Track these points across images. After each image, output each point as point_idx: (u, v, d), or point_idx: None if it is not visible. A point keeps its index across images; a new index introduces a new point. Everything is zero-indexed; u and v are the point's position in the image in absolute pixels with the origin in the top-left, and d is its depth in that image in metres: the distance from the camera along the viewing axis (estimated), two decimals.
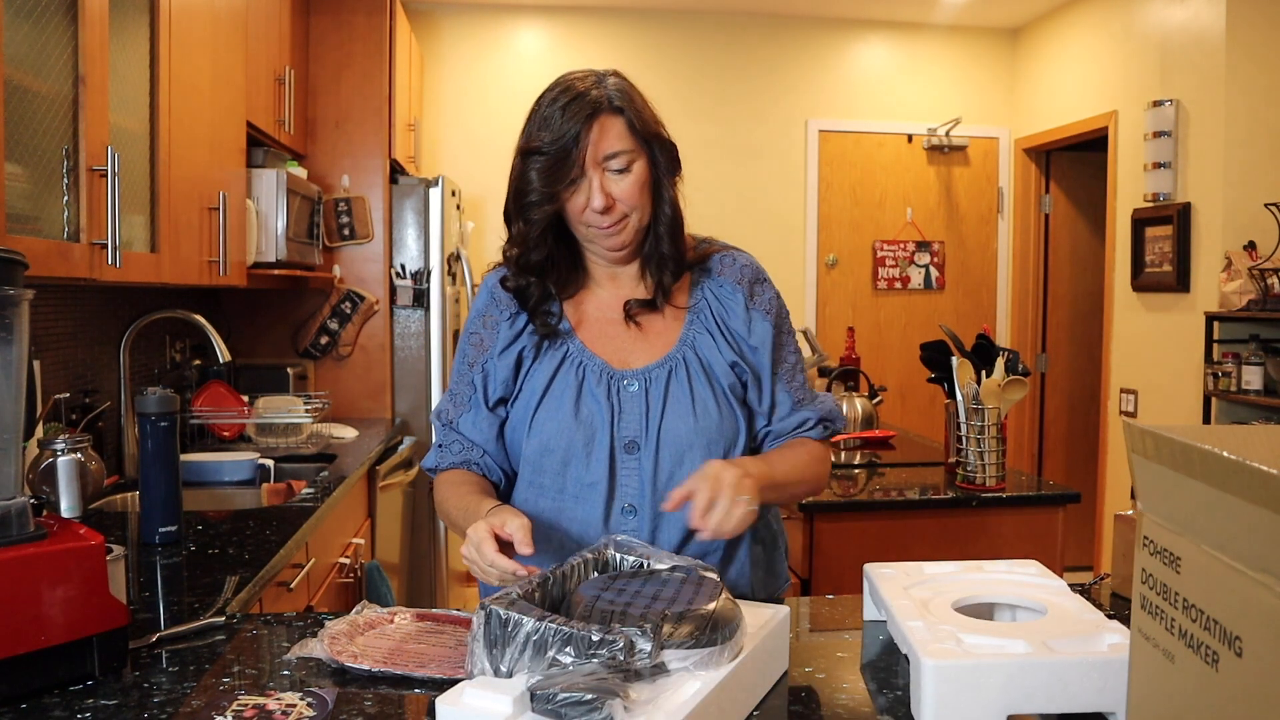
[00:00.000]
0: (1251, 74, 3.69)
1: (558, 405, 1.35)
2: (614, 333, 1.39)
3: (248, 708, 1.00)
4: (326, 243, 3.72)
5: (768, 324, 1.40)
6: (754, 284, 1.42)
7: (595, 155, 1.27)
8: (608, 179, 1.29)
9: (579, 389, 1.35)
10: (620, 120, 1.28)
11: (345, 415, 3.73)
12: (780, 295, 1.46)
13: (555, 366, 1.36)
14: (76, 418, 2.31)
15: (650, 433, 1.33)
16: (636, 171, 1.30)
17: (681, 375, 1.35)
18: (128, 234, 1.96)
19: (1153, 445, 0.71)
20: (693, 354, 1.36)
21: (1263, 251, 3.58)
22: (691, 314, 1.39)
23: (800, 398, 1.43)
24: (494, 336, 1.40)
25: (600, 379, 1.35)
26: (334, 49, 3.73)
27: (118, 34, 1.93)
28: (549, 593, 1.03)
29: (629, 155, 1.29)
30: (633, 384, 1.35)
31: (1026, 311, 5.17)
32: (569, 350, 1.37)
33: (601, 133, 1.27)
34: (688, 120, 4.97)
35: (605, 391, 1.34)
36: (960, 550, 2.36)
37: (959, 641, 0.99)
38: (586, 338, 1.38)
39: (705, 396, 1.35)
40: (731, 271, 1.41)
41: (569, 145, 1.26)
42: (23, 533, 1.06)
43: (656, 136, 1.32)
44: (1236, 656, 0.62)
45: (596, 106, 1.27)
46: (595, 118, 1.26)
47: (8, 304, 1.06)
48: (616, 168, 1.28)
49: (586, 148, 1.26)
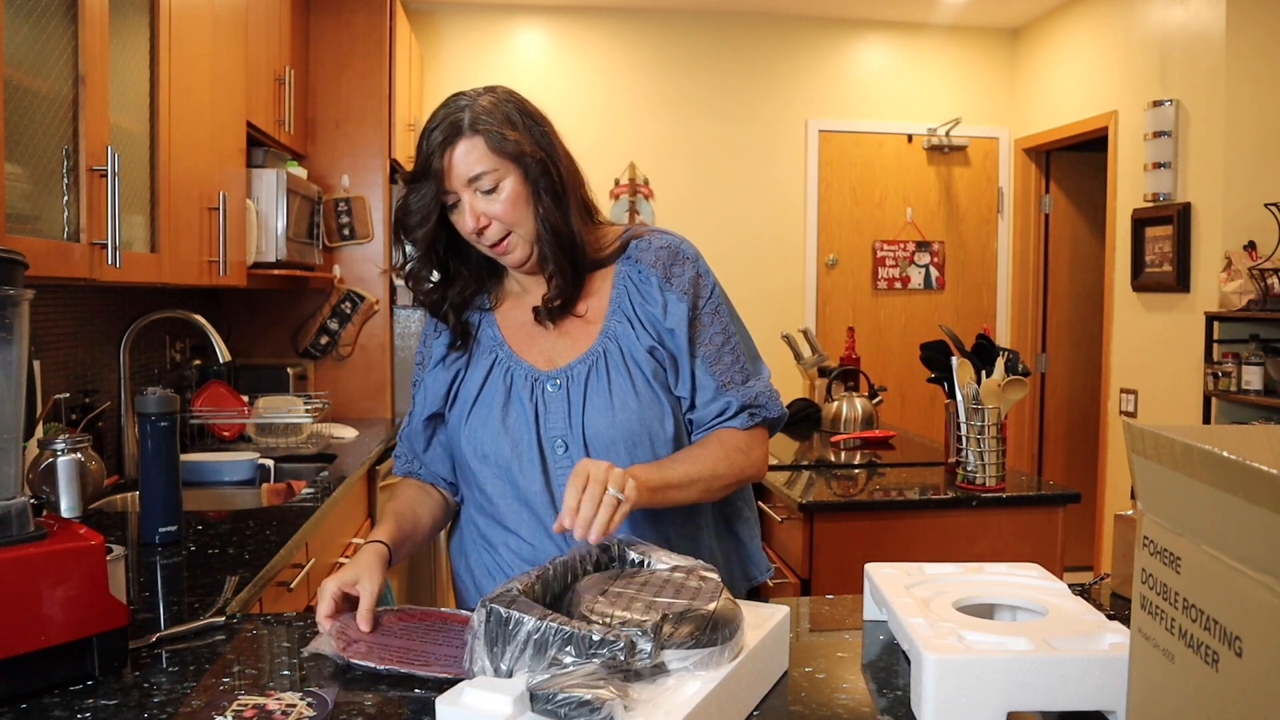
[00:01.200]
0: (1251, 74, 3.69)
1: (487, 413, 1.37)
2: (538, 334, 1.40)
3: (248, 708, 1.00)
4: (326, 243, 3.72)
5: (683, 305, 1.36)
6: (670, 265, 1.38)
7: (460, 178, 1.29)
8: (477, 199, 1.30)
9: (507, 395, 1.37)
10: (480, 141, 1.28)
11: (345, 415, 3.73)
12: (707, 275, 1.41)
13: (484, 375, 1.39)
14: (76, 418, 2.31)
15: (575, 431, 1.33)
16: (507, 189, 1.30)
17: (601, 369, 1.35)
18: (128, 234, 1.96)
19: (1153, 445, 0.71)
20: (614, 345, 1.36)
21: (1263, 251, 3.58)
22: (612, 305, 1.38)
23: (726, 380, 1.38)
24: (429, 353, 1.46)
25: (525, 382, 1.36)
26: (334, 49, 3.73)
27: (118, 34, 1.93)
28: (550, 585, 1.03)
29: (494, 174, 1.29)
30: (555, 383, 1.35)
31: (1026, 311, 5.17)
32: (498, 358, 1.39)
33: (460, 156, 1.29)
34: (688, 120, 4.97)
35: (529, 394, 1.35)
36: (960, 550, 2.36)
37: (960, 638, 1.00)
38: (514, 344, 1.40)
39: (624, 388, 1.34)
40: (647, 255, 1.39)
41: (432, 170, 1.29)
42: (23, 533, 1.06)
43: (523, 154, 1.30)
44: (1236, 656, 0.62)
45: (454, 130, 1.28)
46: (453, 142, 1.28)
47: (8, 304, 1.06)
48: (484, 188, 1.30)
49: (447, 171, 1.29)
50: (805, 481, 2.60)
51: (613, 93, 4.93)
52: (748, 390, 1.39)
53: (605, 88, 4.92)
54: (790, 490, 2.47)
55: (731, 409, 1.37)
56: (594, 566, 1.11)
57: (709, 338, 1.38)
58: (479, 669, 0.91)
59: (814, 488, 2.53)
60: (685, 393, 1.38)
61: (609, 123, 4.90)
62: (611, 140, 4.90)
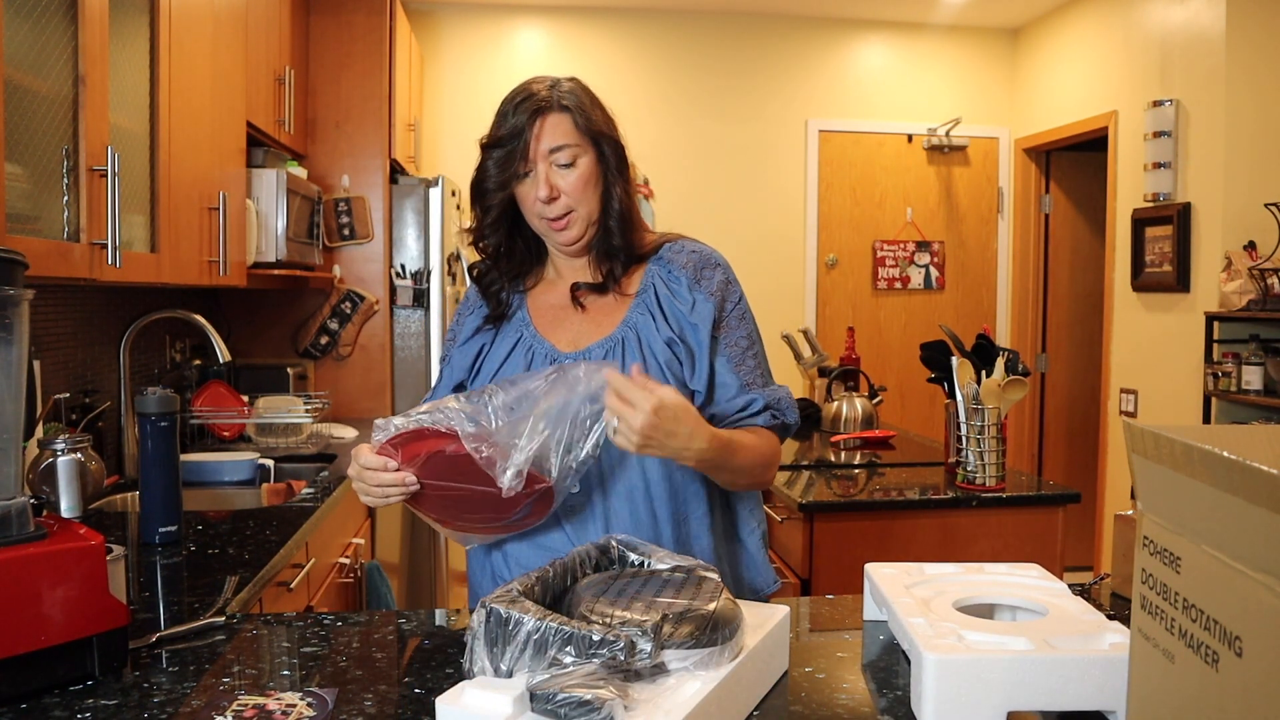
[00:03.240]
0: (1251, 74, 3.69)
1: None
2: (565, 317, 1.44)
3: (248, 708, 1.00)
4: (326, 243, 3.72)
5: (710, 304, 1.40)
6: (701, 268, 1.43)
7: (542, 148, 1.35)
8: (554, 172, 1.36)
9: (527, 369, 1.40)
10: (567, 117, 1.36)
11: (345, 415, 3.73)
12: (736, 284, 1.46)
13: (508, 351, 1.44)
14: (76, 418, 2.31)
15: None
16: (582, 166, 1.37)
17: (618, 354, 1.38)
18: (128, 234, 1.96)
19: (1153, 445, 0.71)
20: (633, 335, 1.39)
21: (1263, 251, 3.58)
22: (638, 299, 1.42)
23: (749, 380, 1.41)
24: (460, 328, 1.51)
25: (545, 362, 1.40)
26: (334, 49, 3.73)
27: (118, 34, 1.93)
28: (550, 586, 1.03)
29: (574, 150, 1.36)
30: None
31: (1026, 311, 5.17)
32: (523, 336, 1.44)
33: (548, 128, 1.35)
34: (688, 120, 4.97)
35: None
36: (960, 550, 2.36)
37: (960, 638, 1.00)
38: (540, 324, 1.45)
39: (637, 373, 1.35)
40: (680, 257, 1.44)
41: (518, 137, 1.35)
42: (23, 533, 1.06)
43: (603, 134, 1.39)
44: (1236, 656, 0.62)
45: (545, 104, 1.36)
46: (542, 114, 1.35)
47: (8, 304, 1.06)
48: (562, 161, 1.36)
49: (532, 141, 1.35)
50: (805, 481, 2.60)
51: (613, 93, 4.85)
52: (771, 393, 1.42)
53: (605, 88, 4.84)
54: (790, 490, 2.47)
55: (756, 406, 1.40)
56: (594, 567, 1.11)
57: (735, 340, 1.42)
58: (479, 669, 0.91)
59: (814, 488, 2.53)
60: (701, 387, 1.39)
61: None
62: None
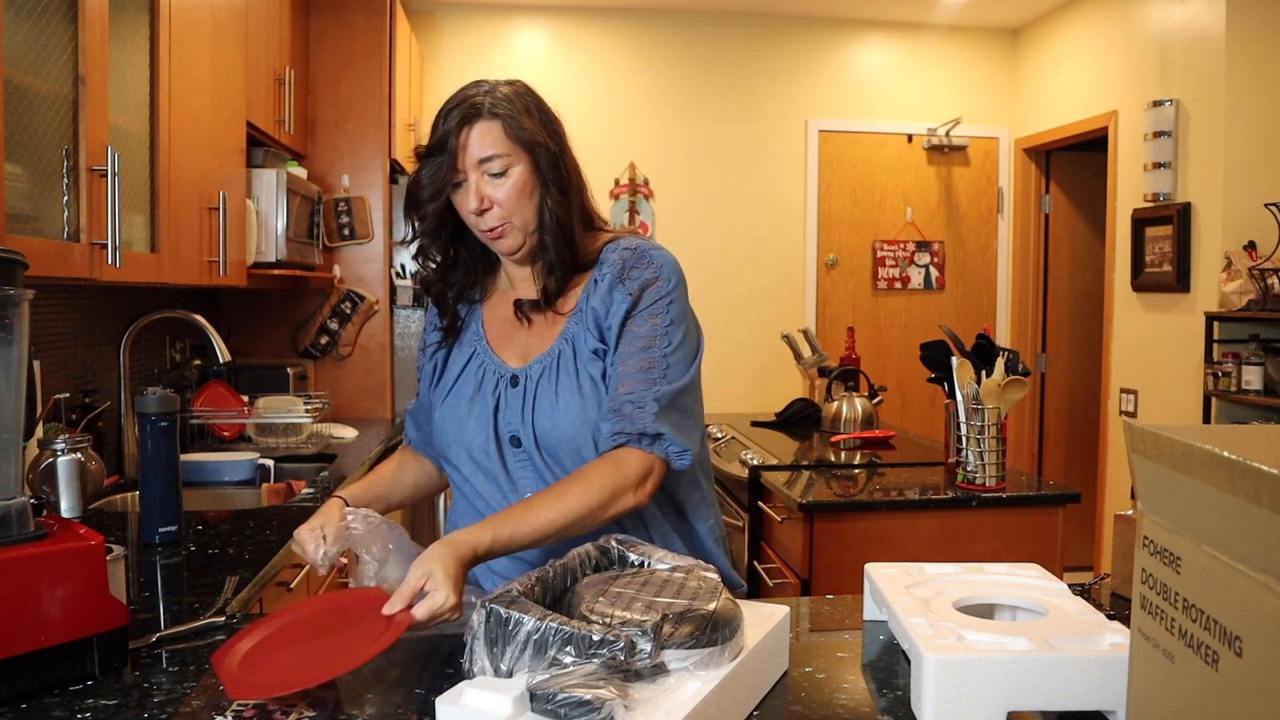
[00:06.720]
0: (1251, 74, 3.69)
1: (457, 403, 1.41)
2: (514, 331, 1.43)
3: (248, 708, 1.00)
4: (326, 243, 3.72)
5: (627, 301, 1.33)
6: (630, 267, 1.34)
7: (471, 158, 1.31)
8: (485, 182, 1.32)
9: (477, 388, 1.40)
10: (497, 125, 1.31)
11: (345, 415, 3.73)
12: (666, 284, 1.34)
13: (463, 365, 1.43)
14: (76, 418, 2.31)
15: (527, 429, 1.35)
16: (514, 176, 1.32)
17: (553, 370, 1.35)
18: (128, 234, 1.96)
19: (1153, 445, 0.71)
20: (568, 347, 1.36)
21: (1263, 251, 3.58)
22: (578, 307, 1.38)
23: (630, 387, 1.29)
24: (427, 338, 1.52)
25: (493, 378, 1.39)
26: (334, 49, 3.73)
27: (118, 34, 1.93)
28: (550, 586, 1.03)
29: (505, 159, 1.31)
30: (516, 381, 1.38)
31: (1026, 311, 5.17)
32: (475, 351, 1.43)
33: (476, 136, 1.31)
34: (688, 120, 4.97)
35: (493, 389, 1.39)
36: (960, 550, 2.36)
37: (960, 638, 1.00)
38: (493, 339, 1.44)
39: (570, 389, 1.34)
40: (613, 256, 1.37)
41: (447, 146, 1.31)
42: (23, 533, 1.06)
43: (536, 143, 1.32)
44: (1236, 656, 0.62)
45: (474, 111, 1.31)
46: (470, 122, 1.30)
47: (8, 304, 1.06)
48: (494, 171, 1.31)
49: (459, 151, 1.31)
50: (805, 481, 2.60)
51: (613, 93, 4.93)
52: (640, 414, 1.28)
53: (605, 88, 4.92)
54: (790, 490, 2.47)
55: (607, 429, 1.29)
56: (594, 568, 1.11)
57: (631, 336, 1.33)
58: (479, 669, 0.91)
59: (814, 488, 2.53)
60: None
61: (609, 123, 4.90)
62: (611, 140, 4.89)
